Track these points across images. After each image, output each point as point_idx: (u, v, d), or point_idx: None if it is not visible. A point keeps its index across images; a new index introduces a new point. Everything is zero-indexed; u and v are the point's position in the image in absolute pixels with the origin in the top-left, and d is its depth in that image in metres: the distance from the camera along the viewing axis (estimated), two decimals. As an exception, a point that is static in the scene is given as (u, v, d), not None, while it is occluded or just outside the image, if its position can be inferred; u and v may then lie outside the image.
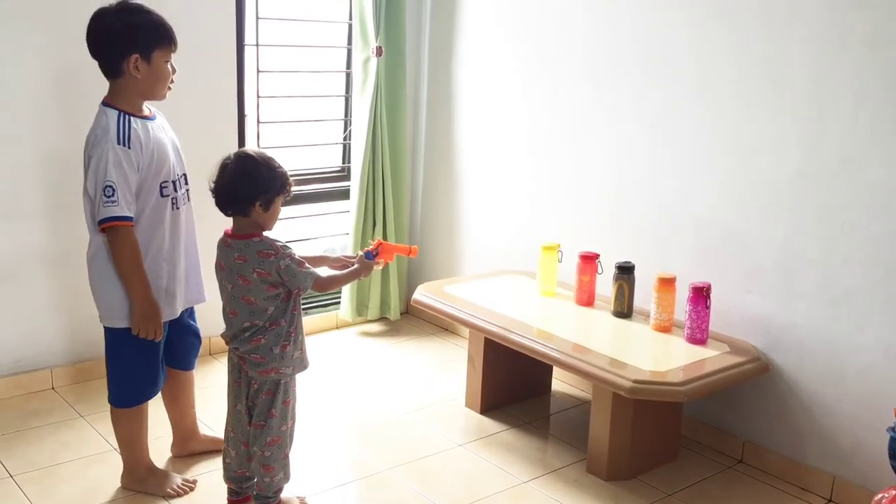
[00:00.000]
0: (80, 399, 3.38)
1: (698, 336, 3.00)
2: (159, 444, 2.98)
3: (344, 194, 4.26)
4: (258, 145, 3.94)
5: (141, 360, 2.63)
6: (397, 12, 4.03)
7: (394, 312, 4.32)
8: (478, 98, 4.06)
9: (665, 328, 3.11)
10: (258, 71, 3.90)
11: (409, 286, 4.45)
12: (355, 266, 2.58)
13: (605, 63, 3.45)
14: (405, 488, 2.84)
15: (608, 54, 3.43)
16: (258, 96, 3.93)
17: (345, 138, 4.35)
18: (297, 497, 2.71)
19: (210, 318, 3.59)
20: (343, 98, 4.32)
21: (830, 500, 2.87)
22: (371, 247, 2.63)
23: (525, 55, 3.80)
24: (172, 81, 2.57)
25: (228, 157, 2.44)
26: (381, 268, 2.70)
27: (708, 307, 2.98)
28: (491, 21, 3.95)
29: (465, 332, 3.73)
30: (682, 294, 3.07)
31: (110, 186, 2.38)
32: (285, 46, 4.09)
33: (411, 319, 4.45)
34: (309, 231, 4.36)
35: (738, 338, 3.07)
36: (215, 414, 3.27)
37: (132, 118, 2.47)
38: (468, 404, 3.47)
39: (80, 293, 3.49)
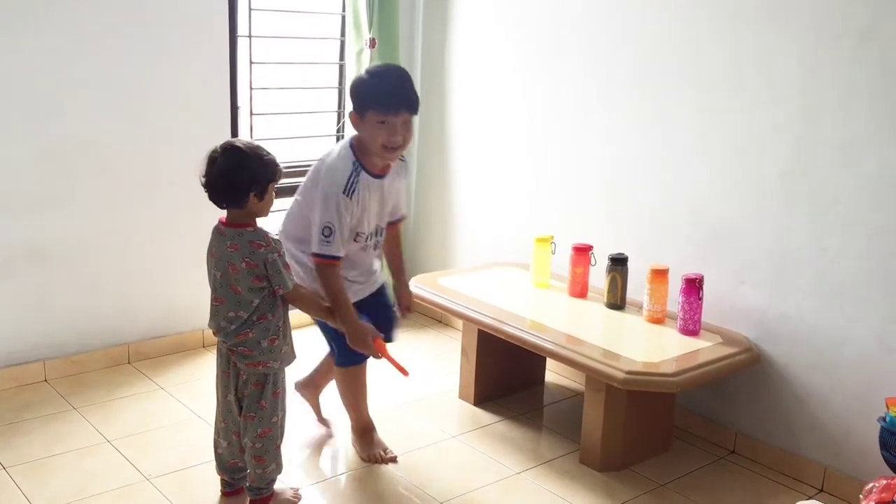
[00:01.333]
0: (72, 391, 3.37)
1: (691, 327, 3.01)
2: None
3: (337, 186, 4.25)
4: (251, 137, 3.93)
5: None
6: (390, 4, 4.02)
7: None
8: (472, 89, 4.06)
9: (658, 319, 3.11)
10: (251, 62, 3.88)
11: (402, 278, 4.45)
12: (337, 312, 2.67)
13: (599, 55, 3.45)
14: (399, 480, 2.85)
15: (602, 47, 3.43)
16: (251, 88, 3.92)
17: (338, 130, 4.34)
18: (291, 488, 2.71)
19: (205, 308, 3.59)
20: (336, 90, 4.31)
21: (822, 490, 2.88)
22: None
23: (519, 46, 3.80)
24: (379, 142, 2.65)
25: (216, 151, 2.40)
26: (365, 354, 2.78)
27: (700, 298, 2.99)
28: (484, 11, 3.94)
29: (459, 323, 3.73)
30: (675, 286, 3.08)
31: (328, 227, 2.61)
32: (278, 38, 4.08)
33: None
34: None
35: (730, 329, 3.08)
36: (208, 404, 3.27)
37: (363, 173, 2.67)
38: (462, 396, 3.47)
39: (74, 285, 3.50)
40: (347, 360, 2.88)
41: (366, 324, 2.69)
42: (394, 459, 2.94)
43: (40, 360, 3.46)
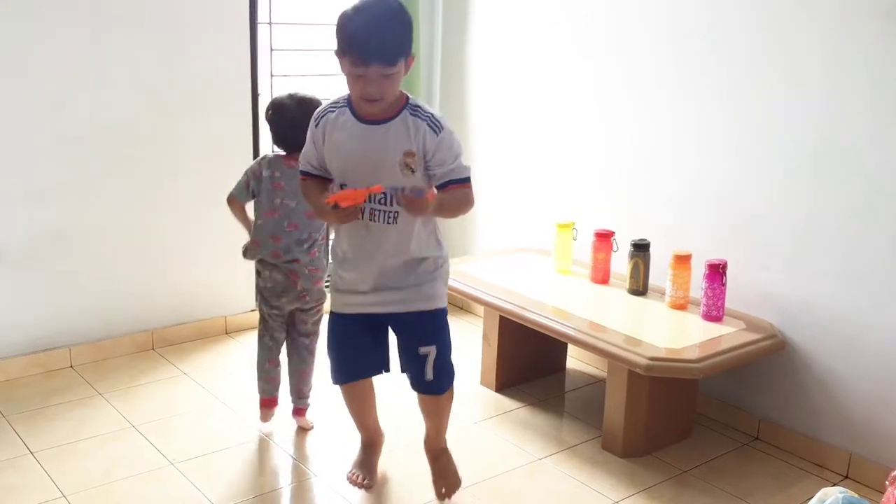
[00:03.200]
0: (98, 377, 3.41)
1: (714, 313, 2.99)
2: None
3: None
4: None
5: (334, 342, 2.63)
6: (409, 8, 3.98)
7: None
8: (491, 76, 4.04)
9: (681, 305, 3.10)
10: (272, 49, 3.89)
11: (423, 265, 4.45)
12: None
13: (620, 40, 3.42)
14: (421, 466, 2.85)
15: (624, 31, 3.40)
16: (272, 75, 3.92)
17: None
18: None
19: (228, 295, 3.64)
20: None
21: (847, 477, 2.86)
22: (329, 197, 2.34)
23: (539, 33, 3.77)
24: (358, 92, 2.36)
25: (281, 102, 2.83)
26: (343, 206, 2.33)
27: (724, 284, 2.97)
28: (503, 12, 3.92)
29: (480, 310, 3.73)
30: (698, 271, 3.06)
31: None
32: (299, 24, 4.07)
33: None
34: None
35: (754, 315, 3.06)
36: (231, 389, 3.29)
37: (346, 110, 2.40)
38: (483, 382, 3.48)
39: (98, 272, 3.53)
40: (335, 378, 2.68)
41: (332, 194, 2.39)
42: (367, 487, 2.70)
43: (66, 347, 3.50)
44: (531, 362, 3.50)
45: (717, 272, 2.96)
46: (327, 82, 4.38)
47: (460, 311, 4.29)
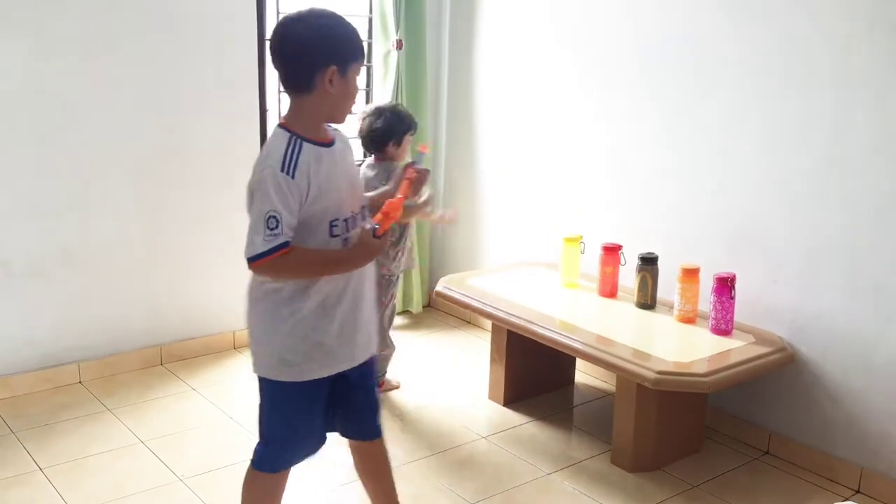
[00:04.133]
0: (107, 393, 3.41)
1: (723, 327, 2.98)
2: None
3: (365, 188, 4.27)
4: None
5: (297, 418, 2.19)
6: (417, 5, 4.03)
7: (416, 305, 4.33)
8: (499, 89, 4.05)
9: (689, 319, 3.09)
10: (279, 65, 3.90)
11: (431, 279, 4.45)
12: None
13: (628, 52, 3.43)
14: (429, 481, 2.85)
15: (631, 43, 3.41)
16: (279, 91, 3.94)
17: (366, 132, 4.35)
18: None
19: (236, 310, 3.63)
20: (364, 91, 4.32)
21: (858, 492, 2.84)
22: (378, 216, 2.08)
23: (547, 46, 3.78)
24: (355, 102, 2.15)
25: (372, 112, 3.24)
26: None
27: (732, 297, 2.96)
28: (511, 13, 3.93)
29: (488, 324, 3.72)
30: (707, 285, 3.05)
31: (274, 217, 1.96)
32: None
33: (434, 312, 4.45)
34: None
35: (763, 328, 3.04)
36: (240, 404, 3.29)
37: (305, 144, 2.02)
38: (491, 397, 3.47)
39: (106, 288, 3.54)
40: (280, 463, 2.22)
41: (361, 231, 2.10)
42: None
43: (75, 362, 3.50)
44: (539, 377, 3.49)
45: (725, 285, 2.95)
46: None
47: (467, 326, 4.28)
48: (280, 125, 2.06)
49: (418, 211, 2.55)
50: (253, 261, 1.98)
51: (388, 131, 3.24)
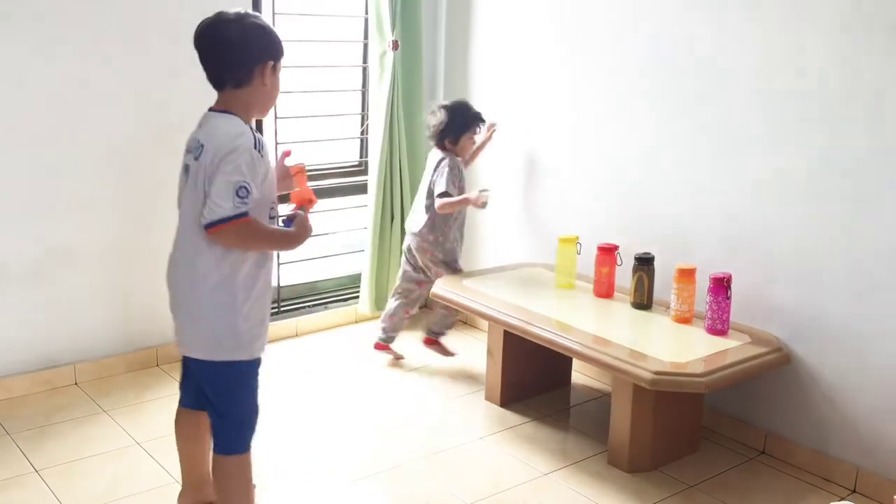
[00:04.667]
0: (103, 394, 3.40)
1: (719, 327, 2.99)
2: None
3: (361, 189, 4.27)
4: (276, 141, 3.95)
5: (257, 391, 2.38)
6: (413, 6, 4.02)
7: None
8: (495, 90, 4.05)
9: (685, 319, 3.09)
10: (275, 66, 3.90)
11: (427, 280, 4.45)
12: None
13: (626, 54, 3.43)
14: (426, 481, 2.85)
15: (629, 43, 3.41)
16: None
17: (362, 133, 4.35)
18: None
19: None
20: (360, 92, 4.32)
21: (854, 491, 2.85)
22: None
23: (543, 46, 3.79)
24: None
25: (434, 109, 3.64)
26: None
27: (729, 298, 2.97)
28: (507, 13, 3.93)
29: (485, 325, 3.72)
30: (703, 285, 3.05)
31: (244, 187, 2.14)
32: (302, 41, 4.09)
33: (430, 313, 4.44)
34: (327, 226, 4.36)
35: (759, 328, 3.05)
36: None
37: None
38: (488, 397, 3.47)
39: (102, 289, 3.53)
40: (248, 442, 2.38)
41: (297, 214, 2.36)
42: None
43: (70, 364, 3.49)
44: (536, 377, 3.49)
45: (721, 286, 2.96)
46: (330, 98, 4.42)
47: (464, 326, 4.28)
48: (222, 111, 2.25)
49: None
50: (218, 223, 2.14)
51: (443, 129, 3.61)
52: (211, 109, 2.30)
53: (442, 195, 3.56)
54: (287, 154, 2.52)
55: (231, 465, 2.35)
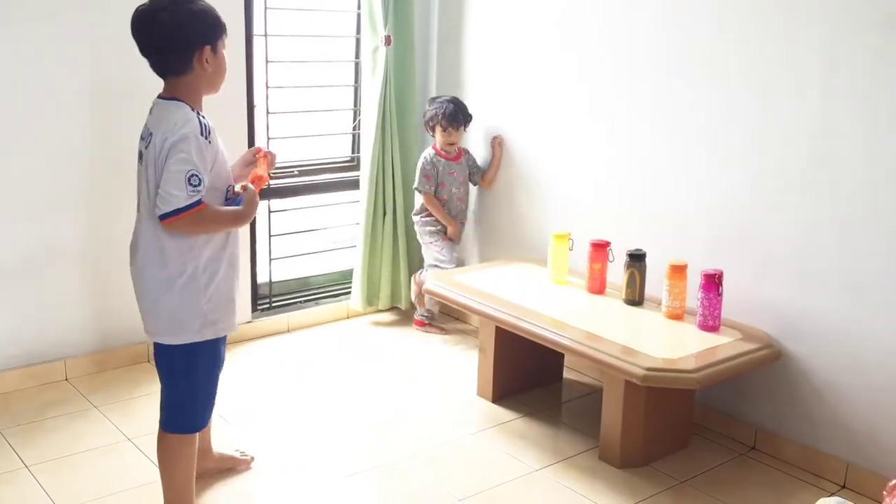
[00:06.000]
0: (93, 390, 3.39)
1: (710, 323, 2.99)
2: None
3: (353, 184, 4.26)
4: (267, 136, 3.94)
5: (213, 378, 2.44)
6: (406, 1, 4.02)
7: (405, 302, 4.32)
8: (487, 86, 4.05)
9: (677, 315, 3.10)
10: (267, 61, 3.89)
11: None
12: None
13: (617, 51, 3.43)
14: (418, 477, 2.85)
15: (622, 42, 3.41)
16: (267, 86, 3.92)
17: (354, 128, 4.34)
18: None
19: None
20: (352, 87, 4.31)
21: (844, 487, 2.86)
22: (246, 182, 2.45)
23: (536, 41, 3.78)
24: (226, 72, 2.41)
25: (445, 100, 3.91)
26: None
27: (720, 294, 2.97)
28: (500, 7, 3.93)
29: (476, 320, 3.73)
30: (694, 281, 3.06)
31: (195, 175, 2.18)
32: (294, 36, 4.08)
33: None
34: (318, 221, 4.36)
35: (750, 324, 3.06)
36: (228, 401, 3.28)
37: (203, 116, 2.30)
38: (480, 393, 3.47)
39: (93, 284, 3.52)
40: (201, 421, 2.46)
41: (247, 190, 2.39)
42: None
43: (61, 359, 3.48)
44: (528, 373, 3.50)
45: (713, 282, 2.97)
46: (322, 94, 4.41)
47: (456, 322, 4.28)
48: (170, 98, 2.27)
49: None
50: (173, 214, 2.16)
51: (425, 122, 3.99)
52: (159, 97, 2.32)
53: (416, 190, 4.00)
54: (258, 152, 2.57)
55: (173, 443, 2.38)
